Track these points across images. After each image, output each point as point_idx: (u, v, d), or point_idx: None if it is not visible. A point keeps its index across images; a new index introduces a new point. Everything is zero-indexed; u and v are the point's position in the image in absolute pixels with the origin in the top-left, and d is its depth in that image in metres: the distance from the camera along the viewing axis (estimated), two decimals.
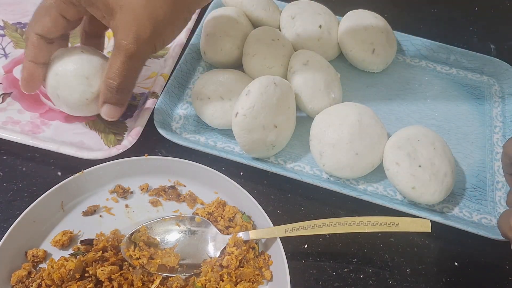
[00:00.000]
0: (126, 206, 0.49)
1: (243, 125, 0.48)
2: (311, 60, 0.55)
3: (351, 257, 0.48)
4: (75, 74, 0.50)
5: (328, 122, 0.50)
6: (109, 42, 0.66)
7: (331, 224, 0.43)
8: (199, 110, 0.54)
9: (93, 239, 0.45)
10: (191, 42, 0.63)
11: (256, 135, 0.49)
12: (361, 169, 0.50)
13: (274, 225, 0.44)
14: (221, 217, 0.47)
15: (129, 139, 0.53)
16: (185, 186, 0.50)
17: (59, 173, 0.52)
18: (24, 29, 0.66)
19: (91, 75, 0.50)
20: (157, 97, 0.57)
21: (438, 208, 0.51)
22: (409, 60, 0.66)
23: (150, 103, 0.56)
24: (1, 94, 0.58)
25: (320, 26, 0.61)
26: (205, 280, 0.42)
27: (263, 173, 0.52)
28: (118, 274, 0.42)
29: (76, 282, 0.41)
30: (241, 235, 0.44)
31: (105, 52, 0.65)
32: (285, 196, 0.52)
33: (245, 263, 0.44)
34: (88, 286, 0.41)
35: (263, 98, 0.48)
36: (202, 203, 0.49)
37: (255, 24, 0.62)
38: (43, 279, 0.41)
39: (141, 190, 0.50)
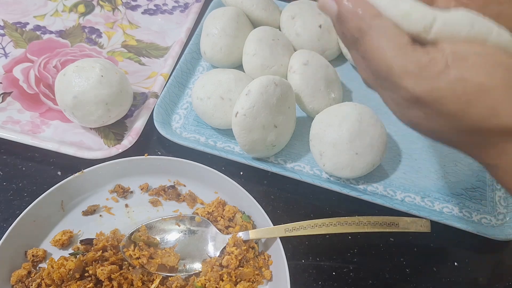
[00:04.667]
0: (126, 205, 0.49)
1: (243, 125, 0.48)
2: (311, 60, 0.55)
3: (351, 257, 0.48)
4: (95, 101, 0.50)
5: (328, 122, 0.50)
6: (109, 42, 0.66)
7: (331, 224, 0.43)
8: (199, 110, 0.54)
9: (93, 238, 0.45)
10: (191, 42, 0.63)
11: (256, 135, 0.49)
12: (361, 169, 0.50)
13: (274, 225, 0.44)
14: (221, 217, 0.47)
15: (129, 139, 0.53)
16: (185, 186, 0.50)
17: (59, 173, 0.52)
18: (24, 29, 0.66)
19: (111, 101, 0.51)
20: (157, 97, 0.57)
21: (438, 208, 0.51)
22: None
23: (150, 102, 0.57)
24: (1, 94, 0.58)
25: (320, 26, 0.61)
26: (205, 279, 0.42)
27: (263, 173, 0.52)
28: (118, 273, 0.42)
29: (76, 282, 0.41)
30: (241, 235, 0.44)
31: (104, 52, 0.65)
32: (285, 196, 0.52)
33: (245, 262, 0.44)
34: (88, 286, 0.41)
35: (263, 98, 0.48)
36: (202, 203, 0.49)
37: (255, 24, 0.62)
38: (43, 279, 0.41)
39: (141, 190, 0.50)
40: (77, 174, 0.47)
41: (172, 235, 0.46)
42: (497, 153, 0.26)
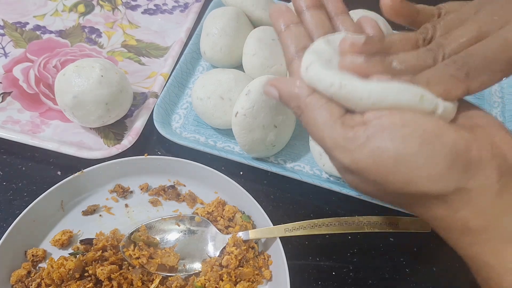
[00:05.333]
0: (126, 205, 0.49)
1: (243, 124, 0.48)
2: None
3: (350, 257, 0.48)
4: (95, 101, 0.50)
5: None
6: (109, 41, 0.66)
7: (331, 224, 0.43)
8: (199, 110, 0.54)
9: (92, 238, 0.45)
10: (191, 42, 0.63)
11: (256, 135, 0.49)
12: None
13: (274, 225, 0.44)
14: (221, 217, 0.47)
15: (129, 139, 0.53)
16: (185, 185, 0.50)
17: (59, 173, 0.52)
18: (23, 29, 0.66)
19: (111, 101, 0.51)
20: (157, 96, 0.57)
21: None
22: None
23: (150, 102, 0.56)
24: (1, 94, 0.58)
25: None
26: (205, 279, 0.42)
27: (263, 173, 0.52)
28: (118, 273, 0.42)
29: (76, 282, 0.41)
30: (241, 234, 0.44)
31: (104, 52, 0.65)
32: (285, 196, 0.52)
33: (244, 262, 0.44)
34: (88, 286, 0.41)
35: (263, 97, 0.48)
36: (202, 203, 0.49)
37: (255, 24, 0.62)
38: (43, 279, 0.41)
39: (141, 189, 0.50)
40: (77, 174, 0.47)
41: (172, 235, 0.46)
42: (426, 211, 0.28)
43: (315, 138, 0.29)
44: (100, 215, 0.48)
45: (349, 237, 0.49)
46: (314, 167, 0.54)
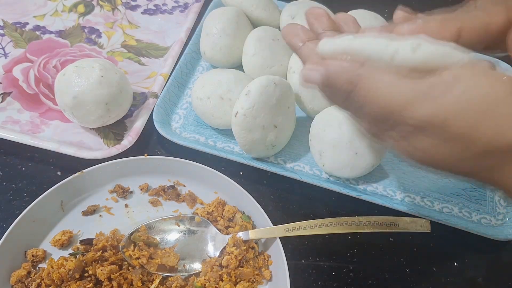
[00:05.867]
0: (126, 206, 0.49)
1: (243, 125, 0.48)
2: None
3: (350, 257, 0.48)
4: (95, 101, 0.50)
5: (328, 122, 0.50)
6: (109, 42, 0.66)
7: (331, 224, 0.43)
8: (199, 110, 0.54)
9: (92, 238, 0.45)
10: (191, 41, 0.63)
11: (255, 135, 0.49)
12: (361, 169, 0.50)
13: (274, 225, 0.44)
14: (221, 217, 0.47)
15: (129, 139, 0.53)
16: (185, 186, 0.50)
17: (59, 173, 0.52)
18: (23, 29, 0.66)
19: (111, 101, 0.51)
20: (156, 97, 0.57)
21: (437, 208, 0.51)
22: None
23: (150, 102, 0.56)
24: (1, 94, 0.58)
25: None
26: (205, 279, 0.42)
27: (263, 173, 0.52)
28: (118, 274, 0.42)
29: (76, 282, 0.41)
30: (241, 235, 0.44)
31: (104, 52, 0.65)
32: (285, 196, 0.52)
33: (244, 263, 0.44)
34: (88, 286, 0.41)
35: (263, 98, 0.48)
36: (201, 203, 0.49)
37: (255, 24, 0.62)
38: (43, 279, 0.41)
39: (141, 190, 0.50)
40: (77, 174, 0.47)
41: (172, 235, 0.46)
42: (507, 175, 0.25)
43: (375, 108, 0.27)
44: (100, 215, 0.48)
45: (349, 237, 0.49)
46: (314, 167, 0.54)
